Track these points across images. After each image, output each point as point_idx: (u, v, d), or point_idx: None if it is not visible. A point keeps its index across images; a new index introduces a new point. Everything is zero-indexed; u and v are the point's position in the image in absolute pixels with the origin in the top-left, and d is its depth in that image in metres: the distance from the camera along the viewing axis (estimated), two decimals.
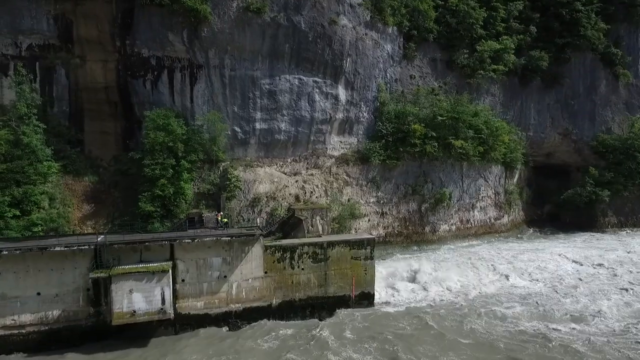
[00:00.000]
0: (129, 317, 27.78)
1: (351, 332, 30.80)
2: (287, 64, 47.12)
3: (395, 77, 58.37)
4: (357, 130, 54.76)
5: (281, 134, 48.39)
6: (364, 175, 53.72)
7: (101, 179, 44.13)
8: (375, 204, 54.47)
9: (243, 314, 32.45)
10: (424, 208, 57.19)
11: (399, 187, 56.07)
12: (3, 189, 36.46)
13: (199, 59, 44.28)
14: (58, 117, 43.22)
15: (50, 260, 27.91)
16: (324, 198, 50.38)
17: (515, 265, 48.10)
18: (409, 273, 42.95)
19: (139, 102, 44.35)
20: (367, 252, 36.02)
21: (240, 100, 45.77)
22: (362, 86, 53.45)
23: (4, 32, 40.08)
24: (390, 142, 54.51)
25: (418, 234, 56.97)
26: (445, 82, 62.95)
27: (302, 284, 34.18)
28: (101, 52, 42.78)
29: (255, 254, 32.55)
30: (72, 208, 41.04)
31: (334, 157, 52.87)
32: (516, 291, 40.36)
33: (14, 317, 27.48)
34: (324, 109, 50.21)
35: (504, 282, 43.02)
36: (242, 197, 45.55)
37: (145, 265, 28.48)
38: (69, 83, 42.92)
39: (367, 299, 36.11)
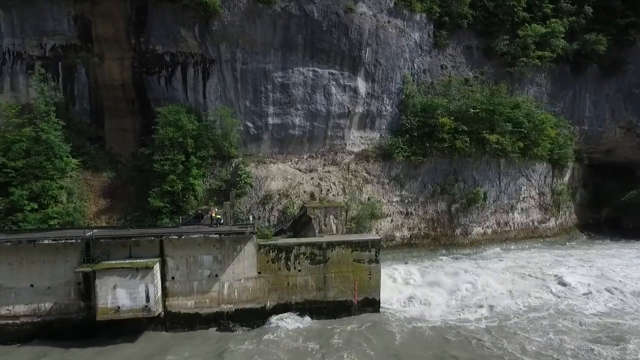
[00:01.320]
0: (113, 313, 27.43)
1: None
2: (301, 55, 45.22)
3: (423, 68, 54.39)
4: (380, 125, 51.61)
5: (295, 129, 46.61)
6: (385, 173, 50.47)
7: (119, 174, 45.03)
8: (399, 204, 51.01)
9: (235, 315, 31.11)
10: (455, 209, 52.72)
11: (425, 185, 52.11)
12: (22, 184, 37.98)
13: (211, 54, 43.75)
14: (80, 114, 44.69)
15: (42, 254, 28.32)
16: (341, 196, 47.93)
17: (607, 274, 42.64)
18: (465, 283, 38.87)
19: (155, 99, 44.69)
20: (371, 254, 33.18)
21: (252, 95, 44.65)
22: (385, 78, 50.20)
23: (30, 34, 42.00)
24: (415, 137, 50.75)
25: (447, 236, 52.65)
26: (482, 72, 57.71)
27: (299, 287, 32.17)
28: (118, 50, 43.59)
29: (248, 253, 31.06)
30: (89, 203, 42.16)
31: (354, 154, 50.17)
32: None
33: (8, 307, 28.19)
34: (341, 103, 47.71)
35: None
36: (253, 194, 44.41)
37: (129, 261, 28.04)
38: (88, 81, 44.21)
39: (372, 305, 33.34)
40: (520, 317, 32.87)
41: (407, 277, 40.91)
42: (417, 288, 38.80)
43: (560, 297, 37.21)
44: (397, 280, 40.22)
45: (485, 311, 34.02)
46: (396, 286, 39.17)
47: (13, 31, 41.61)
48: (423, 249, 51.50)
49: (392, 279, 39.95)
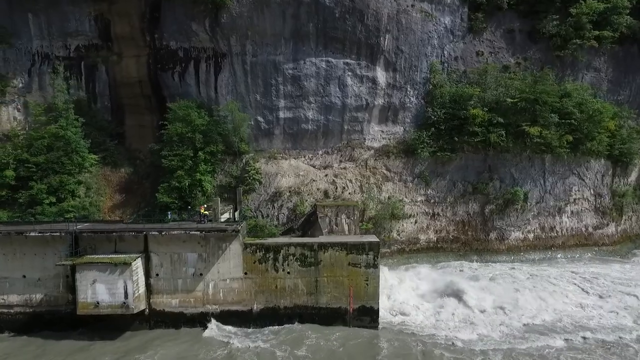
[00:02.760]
0: (93, 308, 27.22)
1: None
2: (314, 45, 42.90)
3: (455, 55, 49.46)
4: (404, 118, 47.71)
5: (308, 124, 44.41)
6: (408, 170, 46.53)
7: (136, 170, 45.86)
8: (424, 204, 46.81)
9: (221, 316, 29.71)
10: (489, 210, 47.35)
11: (455, 184, 47.35)
12: (42, 178, 39.76)
13: (222, 47, 42.97)
14: (101, 112, 46.14)
15: (34, 245, 28.89)
16: (358, 195, 44.93)
17: None
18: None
19: (170, 95, 44.87)
20: (368, 258, 30.05)
21: (262, 88, 43.19)
22: (408, 67, 46.25)
23: (55, 35, 43.98)
24: (442, 130, 46.18)
25: (480, 241, 47.44)
26: (526, 58, 51.35)
27: (288, 290, 29.95)
28: (134, 47, 44.32)
29: (234, 252, 29.47)
30: (105, 197, 43.27)
31: (374, 149, 46.84)
32: None
33: (3, 296, 29.15)
34: (358, 95, 44.65)
35: None
36: (262, 191, 42.96)
37: (108, 257, 27.64)
38: (108, 79, 45.45)
39: (370, 315, 30.13)
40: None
41: (421, 284, 36.91)
42: (432, 298, 34.85)
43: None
44: (405, 286, 36.46)
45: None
46: (406, 294, 35.55)
47: (41, 34, 43.75)
48: (451, 254, 46.84)
49: (401, 283, 36.41)
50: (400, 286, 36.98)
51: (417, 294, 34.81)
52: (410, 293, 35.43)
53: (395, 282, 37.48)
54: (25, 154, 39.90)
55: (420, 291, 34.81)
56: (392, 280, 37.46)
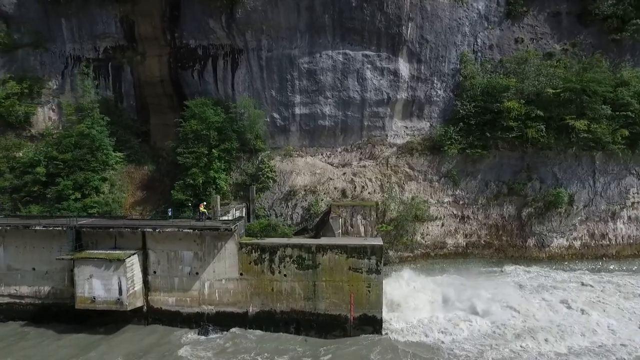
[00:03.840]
0: (90, 303, 27.49)
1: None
2: (330, 38, 41.02)
3: (490, 43, 45.16)
4: (430, 113, 44.35)
5: (325, 120, 42.59)
6: (434, 169, 43.15)
7: (158, 168, 46.67)
8: (452, 205, 43.18)
9: (217, 318, 28.90)
10: (527, 214, 42.67)
11: (487, 184, 43.21)
12: (69, 175, 41.48)
13: (238, 43, 42.47)
14: (128, 111, 47.50)
15: (42, 239, 29.83)
16: (378, 194, 42.34)
17: None
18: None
19: (190, 93, 45.15)
20: (371, 263, 27.69)
21: (277, 84, 42.06)
22: (434, 57, 42.87)
23: (85, 38, 45.90)
24: (472, 125, 42.27)
25: (516, 247, 42.89)
26: (575, 43, 45.69)
27: (285, 294, 28.42)
28: (156, 47, 45.09)
29: (229, 252, 28.49)
30: (127, 194, 44.37)
31: (396, 146, 43.98)
32: None
33: (16, 287, 30.39)
34: (378, 88, 42.09)
35: None
36: (276, 190, 41.79)
37: (104, 252, 27.73)
38: (133, 79, 46.64)
39: (372, 325, 27.81)
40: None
41: (446, 293, 33.59)
42: (450, 309, 31.67)
43: None
44: (424, 294, 33.45)
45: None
46: (423, 304, 32.58)
47: (73, 37, 45.87)
48: (483, 261, 42.71)
49: (420, 291, 33.48)
50: (419, 294, 34.02)
51: (440, 304, 31.50)
52: (431, 303, 32.28)
53: (413, 290, 34.60)
54: (54, 152, 41.78)
55: (444, 301, 31.36)
56: (409, 287, 34.63)
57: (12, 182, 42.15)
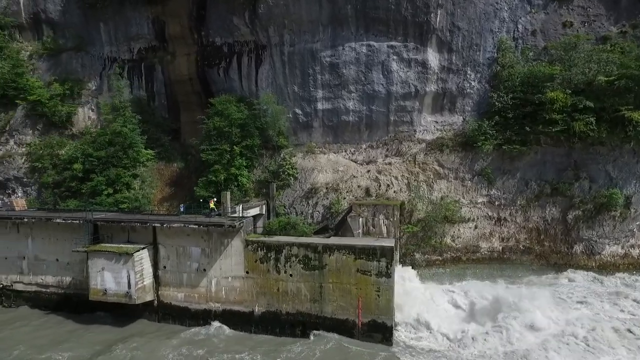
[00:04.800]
0: (102, 295, 28.06)
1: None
2: (354, 29, 39.34)
3: (533, 29, 41.12)
4: (463, 106, 41.23)
5: (349, 115, 40.96)
6: (466, 166, 40.02)
7: (187, 165, 47.49)
8: (487, 206, 39.82)
9: (223, 316, 28.44)
10: (573, 217, 38.32)
11: (527, 183, 39.35)
12: (102, 171, 43.33)
13: (261, 39, 42.10)
14: (159, 109, 48.90)
15: (64, 232, 31.06)
16: (405, 193, 40.02)
17: None
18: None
19: (217, 91, 45.53)
20: (380, 265, 25.78)
21: (300, 79, 41.10)
22: (467, 46, 39.73)
23: (121, 40, 47.82)
24: (510, 119, 38.68)
25: (560, 254, 38.64)
26: (636, 25, 40.41)
27: (290, 294, 27.29)
28: (184, 46, 45.94)
29: (236, 249, 27.88)
30: (156, 190, 45.56)
31: (425, 142, 41.34)
32: None
33: (42, 276, 31.93)
34: (405, 81, 39.76)
35: None
36: (297, 187, 40.82)
37: (115, 246, 28.22)
38: (164, 78, 47.86)
39: (381, 332, 25.87)
40: None
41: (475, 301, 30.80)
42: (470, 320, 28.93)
43: None
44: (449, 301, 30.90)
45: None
46: (447, 312, 30.09)
47: (110, 40, 47.97)
48: (521, 268, 38.93)
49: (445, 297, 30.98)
50: (443, 300, 31.50)
51: (468, 315, 28.82)
52: (457, 311, 29.68)
53: (438, 296, 32.10)
54: (90, 149, 43.80)
55: (472, 311, 28.64)
56: (433, 292, 32.17)
57: (54, 178, 44.70)
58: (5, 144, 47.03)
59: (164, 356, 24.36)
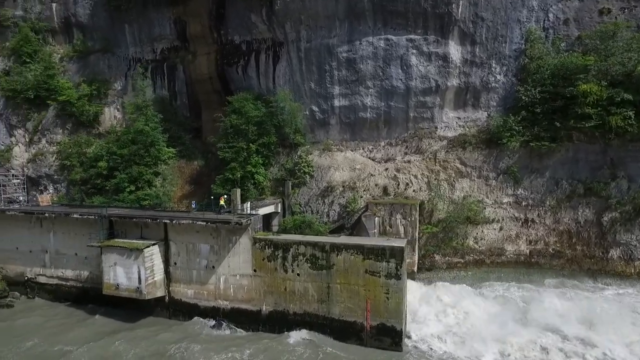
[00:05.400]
0: (114, 290, 28.49)
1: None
2: (371, 23, 38.22)
3: (565, 17, 38.46)
4: (488, 101, 39.17)
5: (367, 111, 39.86)
6: (490, 164, 37.98)
7: (207, 163, 47.94)
8: (513, 207, 37.63)
9: (231, 314, 28.20)
10: (609, 219, 35.49)
11: (558, 183, 36.85)
12: (125, 169, 44.41)
13: (278, 36, 41.79)
14: (181, 108, 49.65)
15: (82, 227, 31.87)
16: (425, 192, 38.49)
17: None
18: None
19: (236, 89, 45.67)
20: (390, 266, 24.64)
21: (316, 75, 40.42)
22: (492, 37, 37.69)
23: (145, 41, 48.95)
24: (538, 114, 36.35)
25: (594, 259, 35.86)
26: None
27: (298, 294, 26.63)
28: (205, 45, 46.37)
29: (244, 247, 27.56)
30: (176, 188, 46.23)
31: (447, 139, 39.58)
32: None
33: (62, 270, 32.91)
34: (424, 76, 38.22)
35: None
36: (313, 185, 40.16)
37: (126, 242, 28.57)
38: (185, 78, 48.53)
39: (390, 336, 24.74)
40: None
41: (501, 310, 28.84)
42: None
43: None
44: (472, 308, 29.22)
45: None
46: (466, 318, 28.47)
47: (135, 41, 49.19)
48: (551, 272, 36.43)
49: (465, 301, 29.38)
50: (461, 305, 29.89)
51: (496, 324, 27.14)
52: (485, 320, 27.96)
53: (458, 301, 30.53)
54: (114, 147, 45.00)
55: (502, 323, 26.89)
56: (454, 298, 30.65)
57: (81, 175, 46.27)
58: (38, 143, 49.18)
59: (165, 350, 24.31)
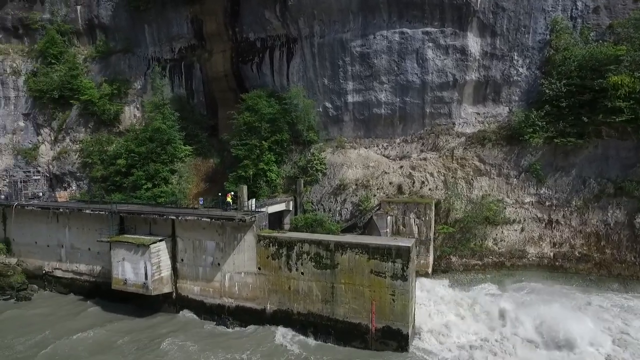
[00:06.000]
0: (123, 285, 28.73)
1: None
2: (386, 16, 37.12)
3: (595, 5, 36.13)
4: (509, 96, 37.28)
5: (381, 107, 38.74)
6: (512, 162, 36.15)
7: (222, 160, 48.03)
8: (536, 207, 35.69)
9: (236, 312, 27.88)
10: None
11: (585, 181, 34.64)
12: (142, 166, 45.07)
13: (292, 32, 41.37)
14: (198, 106, 49.99)
15: (95, 222, 32.39)
16: (441, 191, 37.07)
17: None
18: None
19: (250, 87, 45.54)
20: (396, 267, 23.57)
21: (329, 71, 39.66)
22: (514, 28, 35.81)
23: (164, 41, 49.58)
24: (564, 108, 34.24)
25: (625, 264, 33.50)
26: None
27: (302, 294, 25.96)
28: (220, 43, 46.49)
29: (248, 244, 27.16)
30: (192, 185, 46.53)
31: (465, 136, 37.97)
32: None
33: (77, 264, 33.60)
34: (441, 70, 36.75)
35: None
36: (325, 183, 39.42)
37: (133, 237, 28.72)
38: (202, 76, 48.82)
39: (396, 339, 23.67)
40: None
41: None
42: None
43: None
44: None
45: None
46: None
47: (154, 41, 49.94)
48: (577, 278, 34.30)
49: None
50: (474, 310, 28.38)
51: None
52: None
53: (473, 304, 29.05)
54: (132, 145, 45.77)
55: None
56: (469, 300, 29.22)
57: (102, 172, 47.34)
58: (62, 141, 50.73)
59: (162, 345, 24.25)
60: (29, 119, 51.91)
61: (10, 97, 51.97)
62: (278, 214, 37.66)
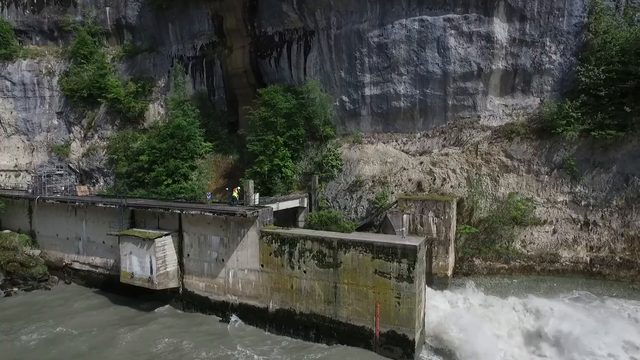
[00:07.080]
0: (130, 279, 28.75)
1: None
2: (405, 4, 35.20)
3: None
4: (541, 85, 34.26)
5: (400, 100, 36.81)
6: (542, 157, 33.19)
7: (242, 157, 47.73)
8: (570, 207, 32.58)
9: (240, 309, 27.12)
10: None
11: (628, 179, 31.23)
12: (163, 162, 45.56)
13: (309, 24, 40.33)
14: (219, 103, 50.03)
15: (108, 216, 32.80)
16: (464, 189, 34.72)
17: None
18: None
19: (269, 82, 44.94)
20: (401, 267, 21.84)
21: (346, 63, 38.19)
22: (546, 11, 32.83)
23: (186, 39, 50.02)
24: (603, 98, 30.98)
25: None
26: None
27: (304, 293, 24.76)
28: (240, 39, 46.22)
29: (251, 240, 26.33)
30: (211, 181, 46.53)
31: (491, 129, 35.31)
32: None
33: (92, 257, 34.19)
34: (464, 59, 34.35)
35: None
36: (341, 180, 37.98)
37: (139, 231, 28.64)
38: (222, 72, 48.78)
39: (401, 345, 21.94)
40: None
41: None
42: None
43: None
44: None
45: None
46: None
47: (177, 39, 50.49)
48: (617, 285, 30.92)
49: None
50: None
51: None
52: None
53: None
54: (154, 142, 46.39)
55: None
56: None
57: (126, 168, 48.36)
58: (91, 138, 52.39)
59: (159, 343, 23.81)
60: (62, 117, 54.04)
61: (46, 96, 54.33)
62: (292, 211, 36.69)
